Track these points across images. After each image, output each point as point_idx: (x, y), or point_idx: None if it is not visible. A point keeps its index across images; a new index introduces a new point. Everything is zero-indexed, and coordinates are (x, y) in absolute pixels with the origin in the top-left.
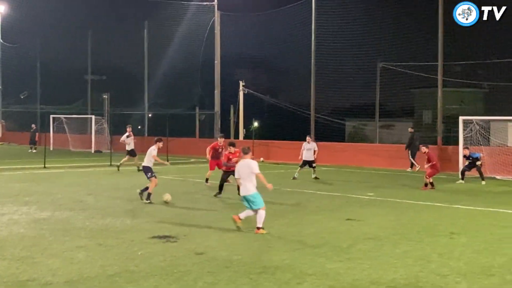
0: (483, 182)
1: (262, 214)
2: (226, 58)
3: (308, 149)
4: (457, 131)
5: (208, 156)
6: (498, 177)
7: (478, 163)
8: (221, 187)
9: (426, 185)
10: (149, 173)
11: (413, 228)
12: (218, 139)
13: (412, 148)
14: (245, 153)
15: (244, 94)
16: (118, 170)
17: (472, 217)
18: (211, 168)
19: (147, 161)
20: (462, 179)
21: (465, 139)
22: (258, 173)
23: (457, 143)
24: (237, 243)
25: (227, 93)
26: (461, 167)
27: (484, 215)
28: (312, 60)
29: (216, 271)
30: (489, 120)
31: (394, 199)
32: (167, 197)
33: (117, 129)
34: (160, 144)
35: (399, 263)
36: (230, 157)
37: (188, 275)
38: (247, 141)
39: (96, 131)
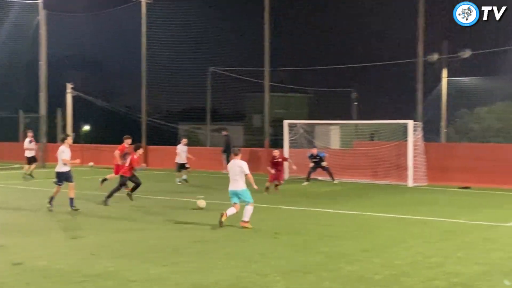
0: (334, 181)
1: (250, 209)
2: (54, 59)
3: (184, 151)
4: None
5: (119, 161)
6: (320, 178)
7: (324, 163)
8: (113, 193)
9: (267, 188)
10: (57, 179)
11: (239, 230)
12: (125, 140)
13: (228, 150)
14: (236, 154)
15: (73, 96)
16: (32, 176)
17: (295, 217)
18: (117, 173)
19: (59, 165)
20: (307, 180)
21: (290, 142)
22: (248, 174)
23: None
24: (59, 252)
25: (54, 96)
26: (286, 169)
27: (306, 215)
28: (143, 63)
29: (33, 282)
30: (313, 124)
31: (223, 201)
32: (201, 203)
33: None
34: (70, 140)
35: (223, 265)
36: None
37: (3, 287)
38: (75, 145)
39: None
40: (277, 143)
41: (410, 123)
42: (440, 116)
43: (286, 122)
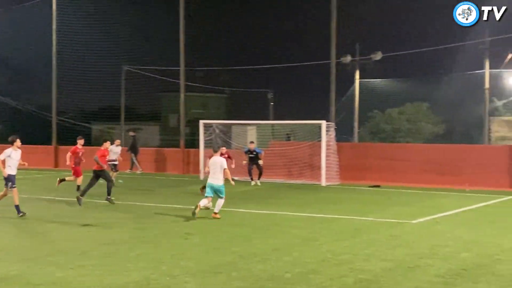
0: (257, 182)
1: (221, 202)
2: None
3: (116, 152)
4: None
5: (71, 163)
6: (236, 178)
7: (260, 162)
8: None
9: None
10: (10, 183)
11: (151, 231)
12: (78, 141)
13: (135, 150)
14: (215, 151)
15: None
16: None
17: (208, 217)
18: (78, 175)
19: (6, 169)
20: (252, 179)
21: (206, 142)
22: (225, 168)
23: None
24: None
25: None
26: (201, 169)
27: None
28: (53, 61)
29: None
30: (230, 124)
31: (134, 202)
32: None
33: None
34: (18, 143)
35: (132, 267)
36: (106, 154)
37: None
38: None
39: None
40: (194, 143)
41: (323, 123)
42: (353, 117)
43: (201, 122)
